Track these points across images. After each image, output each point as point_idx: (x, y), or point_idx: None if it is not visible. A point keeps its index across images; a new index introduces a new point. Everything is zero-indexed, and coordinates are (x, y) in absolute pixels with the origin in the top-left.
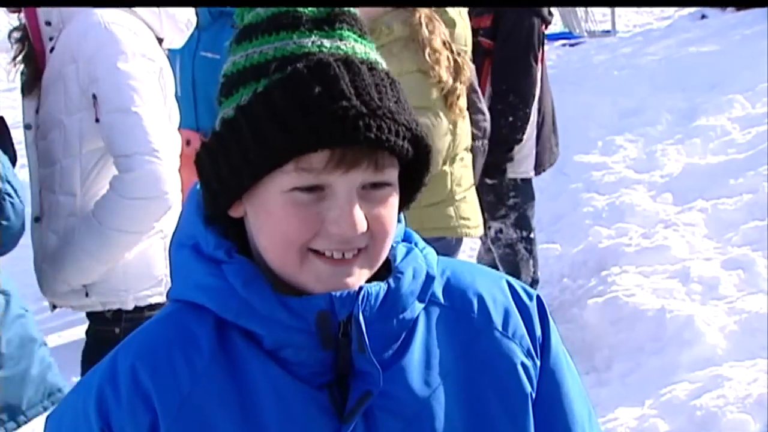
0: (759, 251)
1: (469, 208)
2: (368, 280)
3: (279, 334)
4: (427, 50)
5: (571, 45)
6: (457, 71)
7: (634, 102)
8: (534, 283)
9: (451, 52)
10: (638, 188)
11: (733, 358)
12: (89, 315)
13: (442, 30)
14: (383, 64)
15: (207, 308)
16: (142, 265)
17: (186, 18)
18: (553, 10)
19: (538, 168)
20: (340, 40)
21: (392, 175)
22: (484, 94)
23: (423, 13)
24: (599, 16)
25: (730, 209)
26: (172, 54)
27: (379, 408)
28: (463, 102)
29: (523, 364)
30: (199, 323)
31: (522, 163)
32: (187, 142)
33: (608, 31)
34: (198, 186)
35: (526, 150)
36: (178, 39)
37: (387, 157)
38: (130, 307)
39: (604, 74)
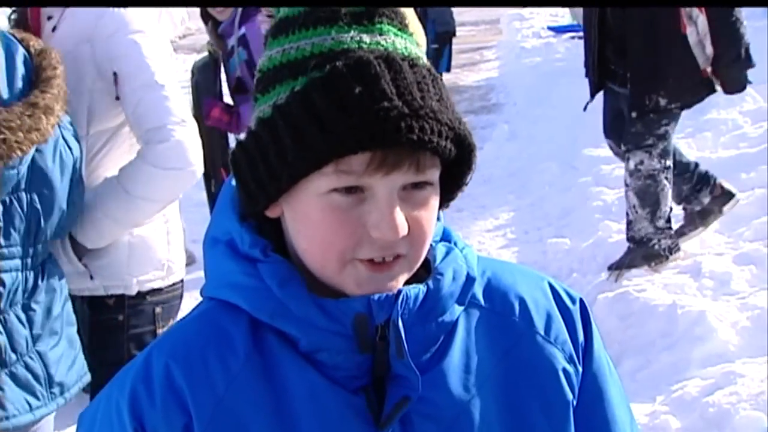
0: None
1: None
2: (407, 281)
3: (315, 337)
4: None
5: (580, 38)
6: None
7: None
8: (669, 217)
9: None
10: None
11: (746, 355)
12: (90, 305)
13: None
14: (424, 59)
15: (242, 308)
16: (146, 248)
17: (180, 16)
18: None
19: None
20: (380, 35)
21: (434, 175)
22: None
23: None
24: None
25: (741, 204)
26: None
27: (417, 413)
28: None
29: (564, 370)
30: (233, 323)
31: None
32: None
33: None
34: (233, 181)
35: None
36: (172, 32)
37: (429, 158)
38: (133, 291)
39: None
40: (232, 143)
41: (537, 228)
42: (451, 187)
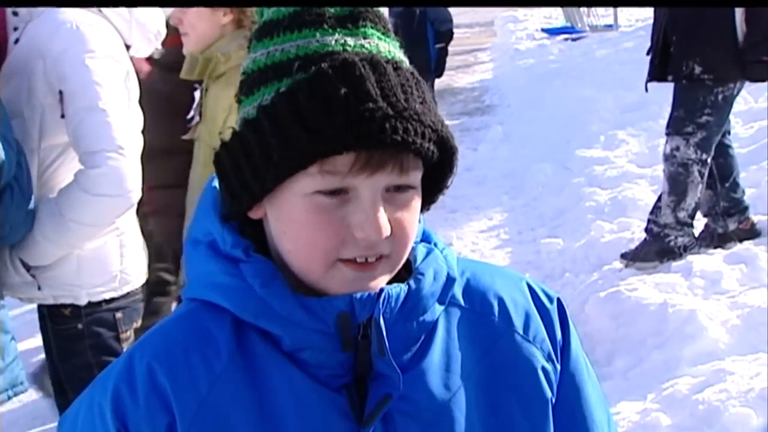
0: (761, 246)
1: None
2: (388, 282)
3: (298, 336)
4: None
5: (573, 39)
6: None
7: (637, 96)
8: (693, 214)
9: None
10: (641, 183)
11: (736, 353)
12: (49, 314)
13: None
14: (407, 62)
15: (224, 308)
16: (97, 260)
17: (156, 29)
18: None
19: None
20: (364, 38)
21: (416, 177)
22: None
23: None
24: (601, 10)
25: None
26: None
27: (399, 412)
28: None
29: (543, 369)
30: (216, 324)
31: None
32: None
33: (610, 26)
34: (213, 182)
35: None
36: (145, 48)
37: (412, 160)
38: (83, 302)
39: (606, 69)
40: None
41: (530, 228)
42: (432, 190)
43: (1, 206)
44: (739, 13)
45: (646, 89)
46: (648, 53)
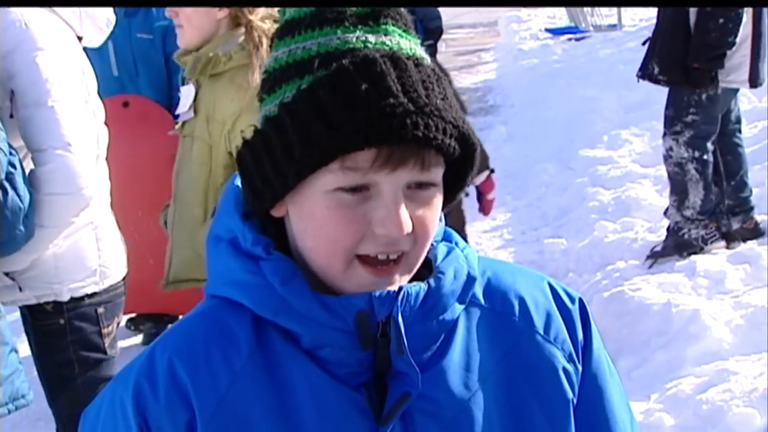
0: (765, 245)
1: None
2: (408, 281)
3: (317, 334)
4: None
5: (577, 39)
6: None
7: (640, 96)
8: (704, 210)
9: None
10: (644, 182)
11: (740, 352)
12: (30, 311)
13: None
14: (428, 59)
15: (245, 305)
16: (74, 256)
17: (105, 18)
18: None
19: (755, 80)
20: (385, 35)
21: (438, 174)
22: None
23: (259, 31)
24: (605, 10)
25: None
26: (96, 48)
27: (418, 410)
28: None
29: (564, 369)
30: (237, 321)
31: (732, 71)
32: (124, 104)
33: (614, 26)
34: (236, 181)
35: (738, 57)
36: (97, 38)
37: (433, 156)
38: (65, 298)
39: (609, 68)
40: None
41: (534, 228)
42: (453, 187)
43: None
44: (693, 15)
45: (638, 80)
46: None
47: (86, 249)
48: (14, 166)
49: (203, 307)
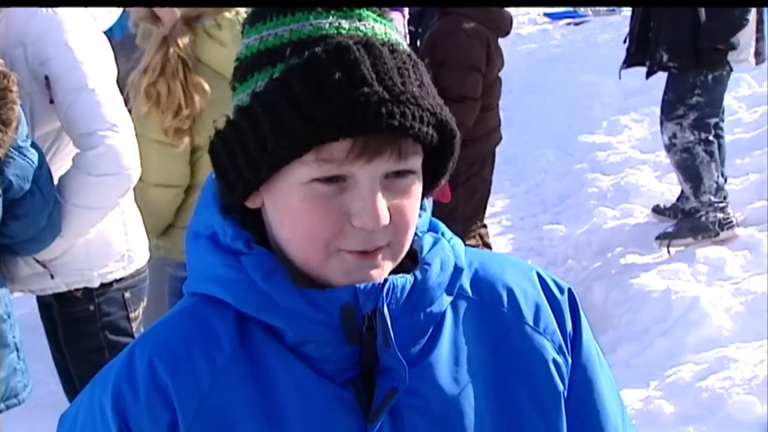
0: (765, 232)
1: None
2: (394, 272)
3: (301, 329)
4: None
5: (576, 24)
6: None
7: (639, 82)
8: (719, 189)
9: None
10: (643, 168)
11: (739, 340)
12: (57, 299)
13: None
14: (404, 44)
15: (226, 302)
16: (103, 242)
17: None
18: None
19: (759, 57)
20: (359, 20)
21: (416, 162)
22: None
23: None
24: None
25: (736, 189)
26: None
27: (407, 406)
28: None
29: (554, 361)
30: (218, 318)
31: (742, 50)
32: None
33: (613, 10)
34: (213, 175)
35: (746, 36)
36: (107, 19)
37: (411, 145)
38: (95, 284)
39: (608, 53)
40: None
41: (532, 215)
42: (434, 175)
43: (21, 209)
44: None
45: (620, 76)
46: (624, 41)
47: (114, 234)
48: (40, 165)
49: (183, 304)
